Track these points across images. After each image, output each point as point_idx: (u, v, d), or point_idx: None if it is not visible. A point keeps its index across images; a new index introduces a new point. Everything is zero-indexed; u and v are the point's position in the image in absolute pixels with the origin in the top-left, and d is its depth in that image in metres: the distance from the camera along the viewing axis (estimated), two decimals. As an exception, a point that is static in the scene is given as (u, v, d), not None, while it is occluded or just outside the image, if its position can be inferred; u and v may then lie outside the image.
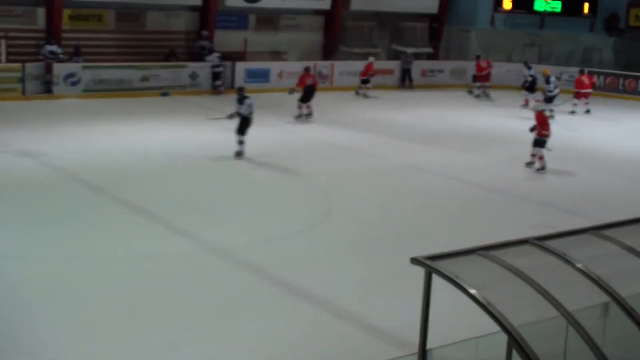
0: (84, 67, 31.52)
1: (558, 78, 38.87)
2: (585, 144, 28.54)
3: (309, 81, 29.87)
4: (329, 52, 39.11)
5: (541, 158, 23.48)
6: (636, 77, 39.81)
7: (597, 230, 9.50)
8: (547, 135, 23.34)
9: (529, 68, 34.79)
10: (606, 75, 40.74)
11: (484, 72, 37.06)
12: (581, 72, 35.67)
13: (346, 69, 37.65)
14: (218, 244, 16.22)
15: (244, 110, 22.53)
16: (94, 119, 27.39)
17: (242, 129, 22.64)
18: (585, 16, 42.09)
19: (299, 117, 29.45)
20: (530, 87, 34.32)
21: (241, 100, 22.70)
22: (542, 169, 23.40)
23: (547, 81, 32.90)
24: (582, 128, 31.67)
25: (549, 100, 32.43)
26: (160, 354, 11.66)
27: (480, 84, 37.28)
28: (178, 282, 14.42)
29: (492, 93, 37.50)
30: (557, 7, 41.84)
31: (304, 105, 29.62)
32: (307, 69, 30.66)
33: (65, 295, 13.46)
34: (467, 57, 42.34)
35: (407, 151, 25.29)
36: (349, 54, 39.03)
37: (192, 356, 11.61)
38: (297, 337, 12.36)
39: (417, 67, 39.56)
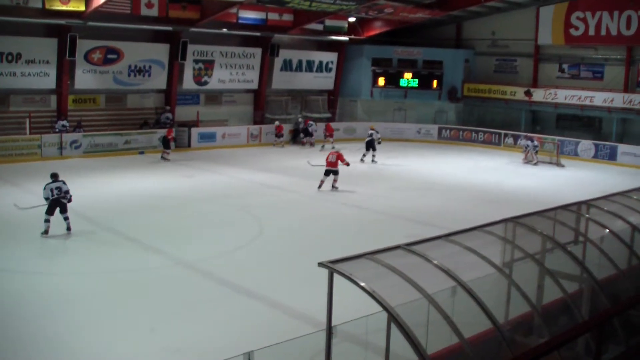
0: (84, 136, 31.20)
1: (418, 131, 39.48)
2: (435, 176, 28.96)
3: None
4: (257, 119, 39.14)
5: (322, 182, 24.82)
6: (470, 130, 40.58)
7: (446, 236, 9.65)
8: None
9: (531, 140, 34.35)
10: (451, 129, 41.45)
11: (330, 132, 37.23)
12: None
13: (270, 130, 37.67)
14: (182, 259, 16.19)
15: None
16: (92, 173, 27.00)
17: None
18: (435, 89, 42.63)
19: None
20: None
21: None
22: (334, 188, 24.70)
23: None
24: (433, 165, 32.19)
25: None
26: (144, 335, 11.68)
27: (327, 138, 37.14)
28: (154, 286, 14.43)
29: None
30: (416, 83, 42.26)
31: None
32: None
33: (69, 298, 13.36)
34: (355, 119, 42.67)
35: (315, 188, 25.40)
36: (272, 119, 39.09)
37: (168, 337, 11.61)
38: (243, 323, 12.43)
39: (320, 127, 39.75)
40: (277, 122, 37.40)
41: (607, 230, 11.48)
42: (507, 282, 9.47)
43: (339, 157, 24.79)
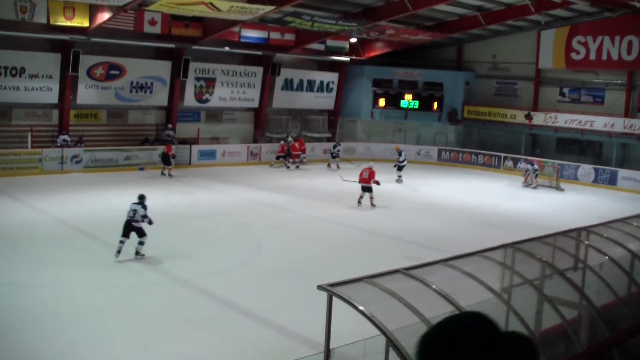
0: (85, 150, 31.29)
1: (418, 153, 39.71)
2: (434, 198, 28.96)
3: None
4: (257, 137, 39.21)
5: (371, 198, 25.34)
6: (470, 152, 40.64)
7: (445, 261, 9.68)
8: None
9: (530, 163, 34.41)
10: (450, 151, 41.52)
11: (296, 151, 36.76)
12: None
13: (270, 149, 37.77)
14: (179, 276, 16.19)
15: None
16: (92, 188, 27.07)
17: None
18: (435, 111, 42.76)
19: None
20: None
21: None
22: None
23: (399, 154, 33.06)
24: (432, 186, 32.21)
25: (399, 168, 32.83)
26: (138, 353, 11.64)
27: (293, 159, 36.60)
28: (149, 303, 14.39)
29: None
30: (416, 105, 42.42)
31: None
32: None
33: (62, 313, 13.31)
34: (355, 139, 42.75)
35: (313, 207, 25.42)
36: (271, 138, 39.18)
37: (162, 356, 11.57)
38: (238, 342, 12.39)
39: (320, 147, 39.88)
40: (282, 142, 37.15)
41: (607, 257, 11.48)
42: (505, 307, 9.45)
43: (371, 174, 25.43)
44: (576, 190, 33.27)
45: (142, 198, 17.96)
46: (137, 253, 17.48)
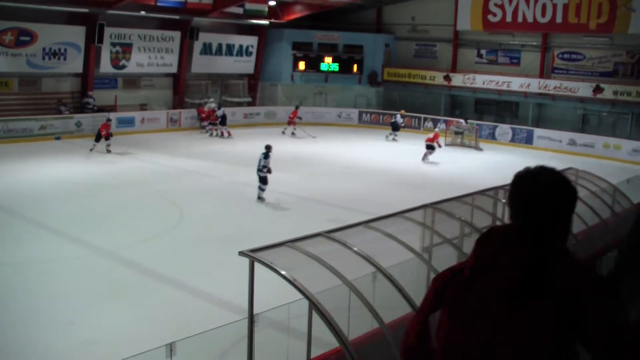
0: (-4, 120, 30.25)
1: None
2: (356, 161, 29.18)
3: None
4: (177, 103, 38.61)
5: None
6: (390, 114, 40.91)
7: (366, 223, 9.78)
8: None
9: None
10: (372, 113, 41.82)
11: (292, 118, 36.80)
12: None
13: (190, 114, 37.33)
14: (101, 247, 15.94)
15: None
16: (6, 159, 26.19)
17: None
18: (355, 74, 42.93)
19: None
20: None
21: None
22: None
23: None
24: (354, 149, 32.42)
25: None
26: (64, 328, 11.45)
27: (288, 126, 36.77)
28: (73, 277, 14.13)
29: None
30: (336, 67, 42.53)
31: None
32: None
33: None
34: (276, 103, 42.57)
35: (236, 172, 25.31)
36: (192, 104, 38.69)
37: (88, 330, 11.41)
38: (164, 312, 12.33)
39: (241, 112, 39.65)
40: (207, 105, 36.64)
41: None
42: (426, 267, 9.65)
43: (436, 135, 30.32)
44: (494, 149, 34.07)
45: (267, 148, 20.86)
46: (258, 197, 20.77)
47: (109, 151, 28.34)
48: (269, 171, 20.67)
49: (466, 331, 2.64)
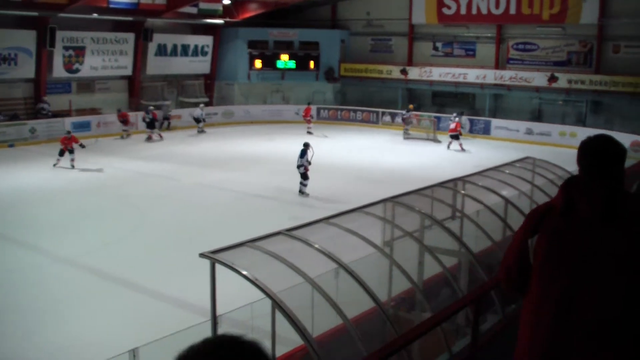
0: (-53, 129, 29.61)
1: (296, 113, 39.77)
2: (315, 157, 29.10)
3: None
4: (133, 105, 38.18)
5: None
6: (348, 110, 41.15)
7: (326, 219, 9.79)
8: None
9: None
10: (329, 109, 41.86)
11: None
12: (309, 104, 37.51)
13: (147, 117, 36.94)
14: (60, 254, 15.75)
15: None
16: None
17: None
18: (312, 70, 42.92)
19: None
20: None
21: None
22: None
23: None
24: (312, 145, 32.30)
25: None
26: (25, 338, 11.27)
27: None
28: (31, 285, 13.91)
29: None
30: (293, 65, 42.51)
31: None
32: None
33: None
34: (233, 102, 42.36)
35: (196, 174, 25.14)
36: (147, 106, 38.27)
37: (49, 338, 11.27)
38: (128, 318, 12.22)
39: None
40: (150, 107, 35.89)
41: (482, 205, 11.92)
42: (388, 261, 9.69)
43: (457, 125, 31.81)
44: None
45: (305, 145, 22.31)
46: (300, 191, 21.91)
47: (72, 166, 26.54)
48: (306, 168, 22.02)
49: (563, 249, 3.36)
